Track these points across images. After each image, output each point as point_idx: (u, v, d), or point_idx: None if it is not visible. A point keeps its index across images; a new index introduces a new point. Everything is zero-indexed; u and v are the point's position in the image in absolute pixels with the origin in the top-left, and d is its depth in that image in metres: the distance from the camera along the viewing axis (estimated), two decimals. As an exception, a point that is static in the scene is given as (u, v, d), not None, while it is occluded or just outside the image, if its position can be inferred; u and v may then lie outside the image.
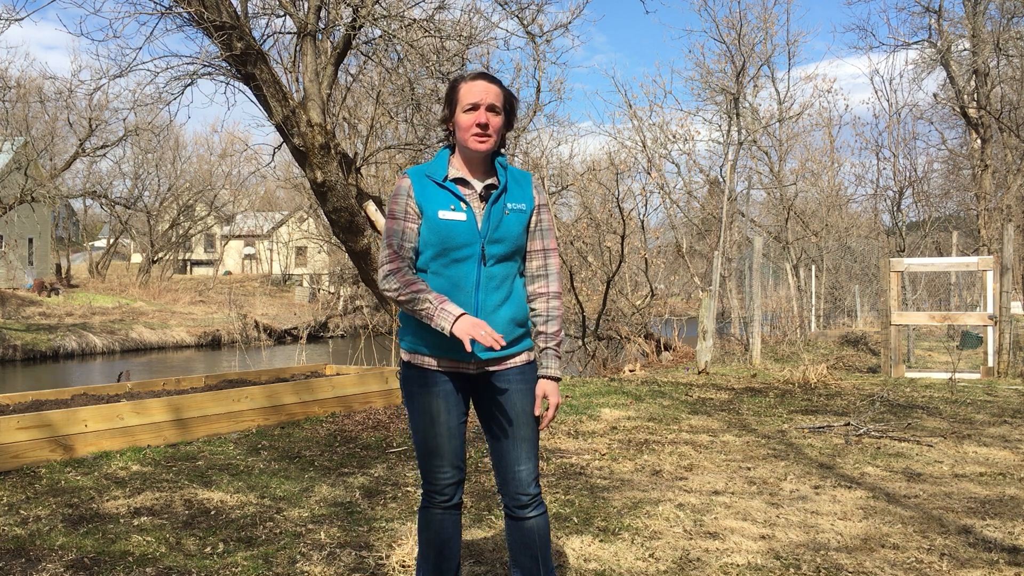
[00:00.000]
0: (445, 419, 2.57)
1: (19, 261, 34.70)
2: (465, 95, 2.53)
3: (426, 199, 2.53)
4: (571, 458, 5.47)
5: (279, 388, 6.66)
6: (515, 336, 2.57)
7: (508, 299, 2.55)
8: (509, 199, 2.57)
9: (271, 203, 55.09)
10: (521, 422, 2.59)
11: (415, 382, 2.59)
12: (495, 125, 2.54)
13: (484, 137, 2.52)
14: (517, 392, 2.59)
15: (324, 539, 3.75)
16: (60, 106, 29.85)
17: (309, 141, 7.90)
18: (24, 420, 5.09)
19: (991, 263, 10.19)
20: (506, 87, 2.60)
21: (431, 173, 2.56)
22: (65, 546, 3.61)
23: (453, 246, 2.49)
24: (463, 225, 2.50)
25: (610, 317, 15.17)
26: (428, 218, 2.51)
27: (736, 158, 21.81)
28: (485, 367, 2.57)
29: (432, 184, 2.54)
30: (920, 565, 3.48)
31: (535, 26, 10.13)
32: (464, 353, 2.50)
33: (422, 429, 2.59)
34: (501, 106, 2.55)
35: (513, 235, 2.54)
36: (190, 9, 7.14)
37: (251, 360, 17.24)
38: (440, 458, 2.58)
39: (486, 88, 2.53)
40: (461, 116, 2.53)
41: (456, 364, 2.55)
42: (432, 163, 2.61)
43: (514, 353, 2.59)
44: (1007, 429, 6.55)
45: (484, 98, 2.51)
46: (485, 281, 2.51)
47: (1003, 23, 21.56)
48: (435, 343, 2.53)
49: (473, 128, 2.51)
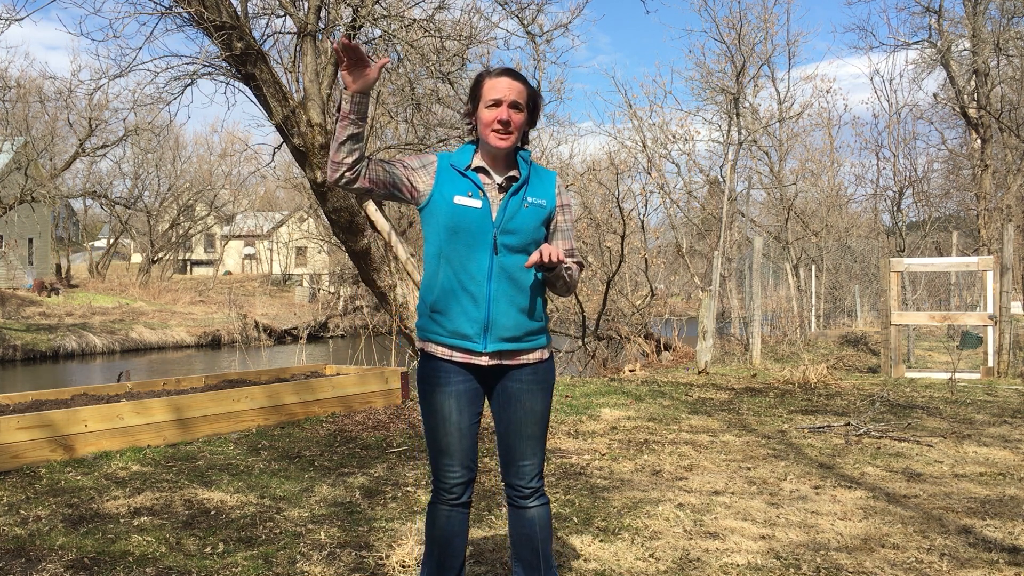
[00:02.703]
0: (457, 419, 2.57)
1: (19, 261, 34.69)
2: (488, 91, 2.52)
3: (445, 182, 2.55)
4: (571, 458, 5.47)
5: (279, 388, 6.66)
6: (527, 330, 2.56)
7: (520, 291, 2.53)
8: (530, 193, 2.57)
9: (271, 203, 55.08)
10: (530, 421, 2.60)
11: (429, 380, 2.59)
12: (517, 122, 2.53)
13: (505, 134, 2.51)
14: (528, 392, 2.60)
15: (324, 539, 3.75)
16: (60, 106, 29.88)
17: (309, 141, 7.90)
18: (24, 420, 5.09)
19: (991, 263, 10.19)
20: (531, 84, 2.59)
21: (455, 162, 2.59)
22: (65, 546, 3.61)
23: (464, 230, 2.49)
24: (477, 212, 2.51)
25: (610, 317, 15.17)
26: (444, 201, 2.52)
27: (736, 158, 21.80)
28: (498, 361, 2.56)
29: (454, 171, 2.57)
30: (920, 565, 3.48)
31: (535, 26, 10.14)
32: (476, 344, 2.51)
33: (433, 427, 2.59)
34: (524, 103, 2.54)
35: (528, 228, 2.54)
36: (190, 9, 7.15)
37: (251, 360, 17.23)
38: (450, 457, 2.59)
39: (510, 85, 2.52)
40: (484, 112, 2.52)
41: (468, 355, 2.55)
42: (458, 153, 2.63)
43: (526, 349, 2.58)
44: (1007, 429, 6.55)
45: (507, 95, 2.51)
46: (497, 271, 2.51)
47: (1003, 23, 21.55)
48: (448, 330, 2.53)
49: (494, 124, 2.51)
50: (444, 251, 2.53)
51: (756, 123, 22.60)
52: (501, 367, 2.58)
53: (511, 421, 2.60)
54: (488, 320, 2.51)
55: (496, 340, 2.52)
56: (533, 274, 2.56)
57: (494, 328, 2.51)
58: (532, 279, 2.56)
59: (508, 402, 2.60)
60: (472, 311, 2.50)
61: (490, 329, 2.51)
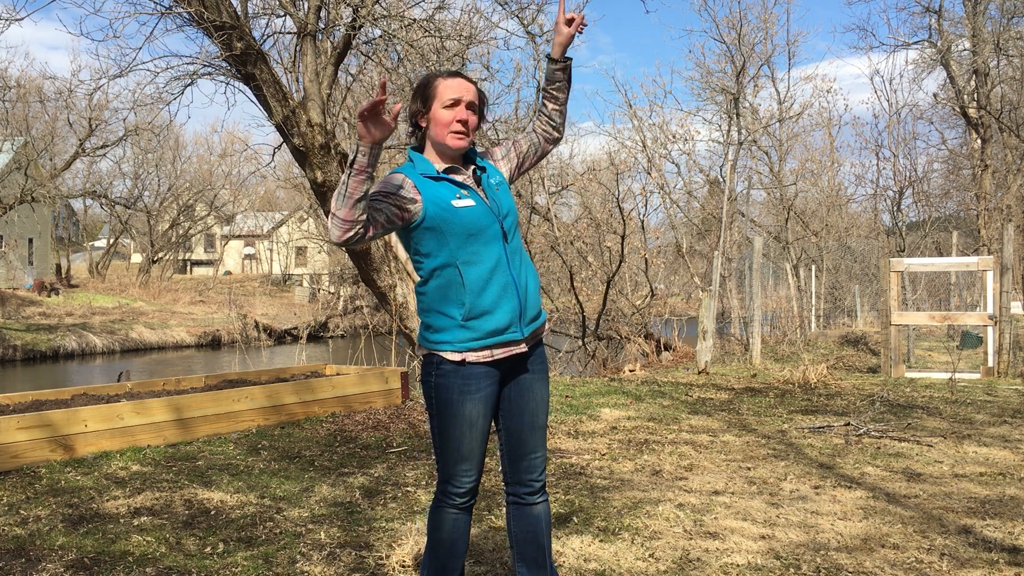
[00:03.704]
0: (482, 424, 2.56)
1: (19, 261, 34.69)
2: (445, 91, 2.52)
3: (430, 193, 2.48)
4: (571, 458, 5.47)
5: (279, 388, 6.66)
6: (539, 303, 2.64)
7: (529, 268, 2.62)
8: (491, 175, 2.63)
9: (271, 203, 55.07)
10: (540, 411, 2.65)
11: (455, 389, 2.51)
12: (473, 123, 2.56)
13: (463, 135, 2.53)
14: (538, 381, 2.65)
15: (324, 539, 3.75)
16: (60, 106, 29.87)
17: (309, 141, 7.90)
18: (24, 420, 5.09)
19: (991, 263, 10.19)
20: (479, 87, 2.65)
21: (423, 171, 2.53)
22: (65, 546, 3.61)
23: (478, 230, 2.49)
24: (477, 209, 2.51)
25: (610, 317, 15.17)
26: (444, 210, 2.47)
27: (736, 158, 21.81)
28: (529, 345, 2.61)
29: (428, 180, 2.52)
30: (920, 565, 3.48)
31: (535, 26, 10.15)
32: (515, 332, 2.53)
33: (457, 435, 2.53)
34: (477, 104, 2.59)
35: (513, 205, 2.62)
36: (190, 9, 7.14)
37: (251, 360, 17.23)
38: (470, 462, 2.58)
39: (467, 86, 2.55)
40: (440, 112, 2.52)
41: (509, 348, 2.55)
42: (416, 163, 2.56)
43: (542, 323, 2.67)
44: (1007, 429, 6.55)
45: (465, 95, 2.53)
46: (512, 256, 2.55)
47: (1003, 23, 21.55)
48: (489, 330, 2.49)
49: (454, 124, 2.51)
50: (460, 256, 2.47)
51: (756, 123, 22.60)
52: (522, 355, 2.61)
53: (525, 412, 2.62)
54: (522, 305, 2.55)
55: (528, 323, 2.57)
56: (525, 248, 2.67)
57: (526, 312, 2.56)
58: (527, 255, 2.65)
59: (522, 393, 2.62)
60: (509, 300, 2.52)
61: (524, 313, 2.56)
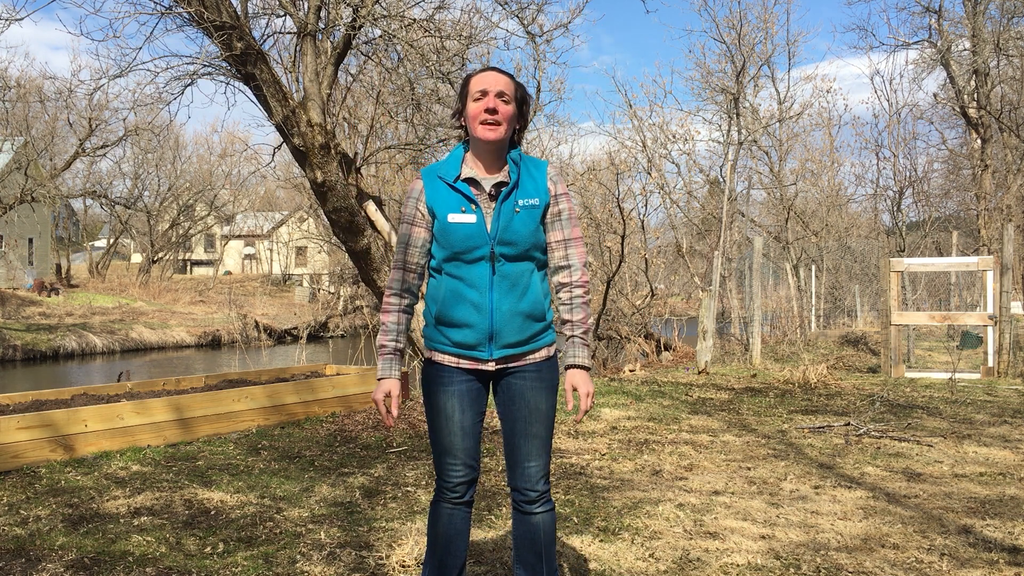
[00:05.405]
0: (459, 418, 2.58)
1: (19, 261, 34.70)
2: (474, 85, 2.55)
3: (437, 202, 2.55)
4: (571, 458, 5.47)
5: (279, 388, 6.66)
6: (532, 332, 2.57)
7: (523, 297, 2.54)
8: (520, 195, 2.55)
9: (271, 203, 55.07)
10: (534, 419, 2.60)
11: (433, 380, 2.61)
12: (505, 113, 2.52)
13: (493, 124, 2.50)
14: (532, 389, 2.60)
15: (324, 539, 3.75)
16: (60, 106, 29.84)
17: (309, 141, 7.90)
18: (24, 420, 5.09)
19: (991, 263, 10.19)
20: (518, 81, 2.60)
21: (443, 174, 2.57)
22: (65, 546, 3.61)
23: (463, 249, 2.50)
24: (472, 228, 2.50)
25: (610, 317, 15.17)
26: (439, 221, 2.54)
27: (736, 158, 21.80)
28: (504, 364, 2.58)
29: (443, 185, 2.55)
30: (920, 565, 3.48)
31: (535, 26, 10.13)
32: (482, 352, 2.54)
33: (437, 427, 2.61)
34: (512, 95, 2.55)
35: (524, 235, 2.52)
36: (190, 9, 7.14)
37: (251, 360, 17.23)
38: (453, 456, 2.60)
39: (495, 77, 2.55)
40: (471, 105, 2.53)
41: (475, 363, 2.57)
42: (445, 161, 2.61)
43: (532, 349, 2.60)
44: (1007, 429, 6.55)
45: (493, 86, 2.52)
46: (498, 281, 2.51)
47: (1003, 23, 21.54)
48: (453, 340, 2.56)
49: (481, 115, 2.50)
50: (445, 267, 2.55)
51: (756, 123, 22.59)
52: (506, 368, 2.60)
53: (515, 419, 2.60)
54: (492, 329, 2.52)
55: (501, 347, 2.54)
56: (537, 276, 2.57)
57: (499, 337, 2.53)
58: (534, 284, 2.56)
59: (511, 399, 2.60)
60: (477, 322, 2.51)
61: (495, 338, 2.53)
